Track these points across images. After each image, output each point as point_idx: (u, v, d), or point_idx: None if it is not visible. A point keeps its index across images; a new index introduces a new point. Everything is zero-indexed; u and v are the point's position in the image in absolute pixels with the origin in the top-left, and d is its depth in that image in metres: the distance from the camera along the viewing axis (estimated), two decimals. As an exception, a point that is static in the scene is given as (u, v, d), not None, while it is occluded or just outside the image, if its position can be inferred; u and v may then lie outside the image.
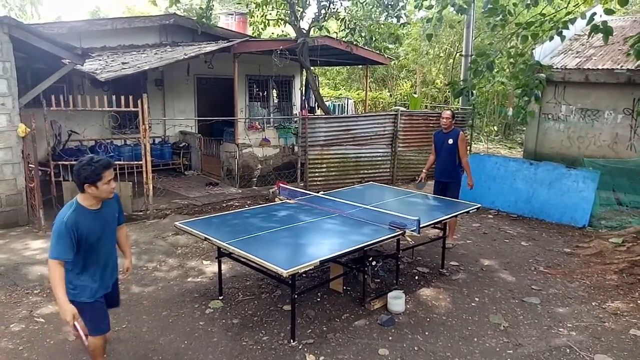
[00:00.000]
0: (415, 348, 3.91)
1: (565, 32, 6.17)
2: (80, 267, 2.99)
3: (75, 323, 2.91)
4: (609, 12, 6.52)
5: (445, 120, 6.25)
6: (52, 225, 2.92)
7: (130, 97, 6.92)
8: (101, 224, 3.02)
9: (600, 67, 9.66)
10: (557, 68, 9.99)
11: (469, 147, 11.03)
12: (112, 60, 9.31)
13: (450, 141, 6.21)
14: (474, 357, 3.79)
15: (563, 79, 10.05)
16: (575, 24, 6.43)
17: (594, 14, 6.35)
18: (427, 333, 4.15)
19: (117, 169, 7.19)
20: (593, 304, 4.76)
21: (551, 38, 6.35)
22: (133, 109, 6.94)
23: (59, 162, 7.18)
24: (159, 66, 8.48)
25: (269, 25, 11.80)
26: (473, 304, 4.73)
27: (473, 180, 6.35)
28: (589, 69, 9.75)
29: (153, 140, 10.19)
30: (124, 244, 3.48)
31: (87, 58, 7.42)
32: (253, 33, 12.27)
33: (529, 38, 6.26)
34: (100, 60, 9.37)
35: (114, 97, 6.93)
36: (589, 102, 9.93)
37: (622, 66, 9.34)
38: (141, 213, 7.37)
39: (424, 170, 6.66)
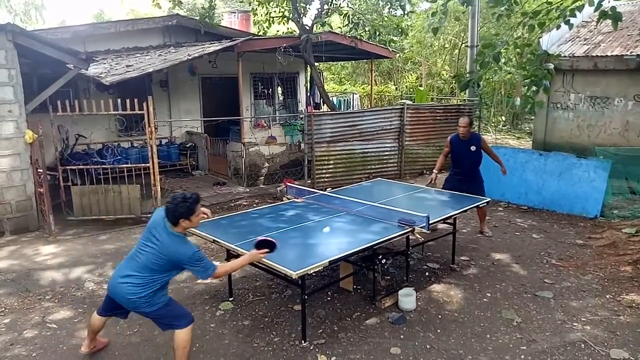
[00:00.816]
0: (427, 346, 3.88)
1: (572, 19, 6.05)
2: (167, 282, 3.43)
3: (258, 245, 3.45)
4: (617, -3, 6.38)
5: (462, 130, 6.09)
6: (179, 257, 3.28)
7: (136, 100, 6.93)
8: None
9: (609, 53, 9.49)
10: (564, 56, 9.83)
11: None
12: (117, 64, 9.32)
13: (473, 148, 6.12)
14: (487, 354, 3.75)
15: (571, 67, 9.90)
16: (583, 11, 6.31)
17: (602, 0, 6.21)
18: (439, 330, 4.11)
19: (125, 172, 7.29)
20: (607, 296, 4.69)
21: (558, 27, 6.24)
22: (139, 112, 6.94)
23: (67, 167, 7.22)
24: (163, 68, 8.48)
25: (273, 23, 11.74)
26: (485, 300, 4.68)
27: (504, 167, 6.40)
28: (597, 56, 9.59)
29: (160, 142, 10.21)
30: None
31: (91, 62, 7.43)
32: (258, 32, 12.22)
33: (536, 27, 6.14)
34: (104, 63, 9.39)
35: (119, 100, 6.94)
36: (598, 89, 9.77)
37: (631, 52, 9.17)
38: (150, 215, 7.37)
39: (435, 172, 6.32)
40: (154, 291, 3.29)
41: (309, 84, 13.48)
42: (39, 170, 6.69)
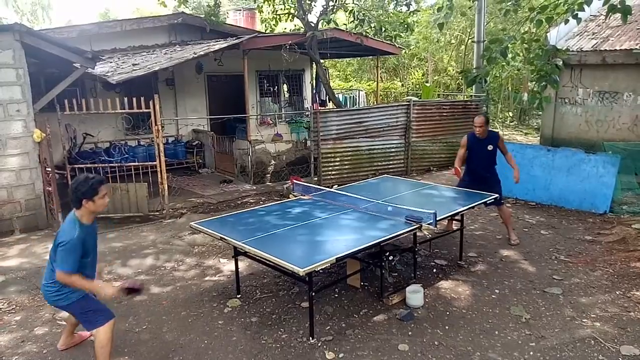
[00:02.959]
0: (436, 343, 3.87)
1: (580, 13, 5.99)
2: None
3: (123, 285, 3.26)
4: (626, -9, 6.30)
5: (479, 129, 5.87)
6: (57, 239, 3.14)
7: (143, 99, 6.96)
8: (94, 238, 3.38)
9: (618, 47, 9.40)
10: (572, 51, 9.75)
11: None
12: (123, 62, 9.36)
13: (490, 147, 5.90)
14: (496, 351, 3.74)
15: (579, 62, 9.82)
16: (591, 5, 6.24)
17: (611, -7, 6.14)
18: (447, 327, 4.10)
19: (132, 170, 7.33)
20: (617, 293, 4.65)
21: (566, 21, 6.18)
22: (145, 110, 6.97)
23: (75, 165, 7.27)
24: (169, 66, 8.50)
25: (280, 21, 11.74)
26: (493, 296, 4.66)
27: (518, 174, 5.97)
28: (606, 50, 9.50)
29: (166, 140, 10.25)
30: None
31: (97, 61, 7.48)
32: (266, 30, 12.22)
33: (543, 22, 6.09)
34: (111, 62, 9.43)
35: (126, 99, 6.98)
36: (606, 84, 9.68)
37: (640, 46, 9.07)
38: (157, 213, 7.44)
39: (457, 167, 6.09)
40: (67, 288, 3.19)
41: (314, 81, 13.47)
42: (47, 169, 6.75)
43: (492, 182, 5.92)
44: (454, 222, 5.94)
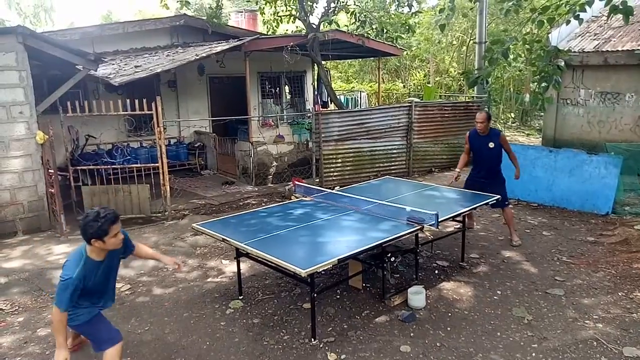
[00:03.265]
0: (438, 344, 3.87)
1: (582, 14, 5.98)
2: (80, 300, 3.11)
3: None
4: (628, -9, 6.29)
5: (480, 125, 5.87)
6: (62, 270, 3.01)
7: (145, 100, 6.98)
8: (105, 274, 3.18)
9: (620, 48, 9.39)
10: (574, 52, 9.74)
11: None
12: (125, 64, 9.39)
13: (492, 145, 5.88)
14: (498, 352, 3.74)
15: (581, 63, 9.81)
16: (593, 6, 6.23)
17: (613, -6, 6.14)
18: (449, 328, 4.10)
19: (135, 172, 7.35)
20: (620, 294, 4.64)
21: (568, 22, 6.16)
22: (148, 112, 6.99)
23: (78, 167, 7.29)
24: (171, 68, 8.53)
25: (282, 22, 11.76)
26: (495, 297, 4.66)
27: (519, 171, 6.09)
28: (608, 51, 9.49)
29: (168, 142, 10.28)
30: (151, 256, 3.75)
31: (100, 63, 7.50)
32: (267, 31, 12.25)
33: (545, 23, 6.09)
34: (113, 64, 9.46)
35: (128, 100, 7.00)
36: (608, 85, 9.67)
37: (643, 47, 9.06)
38: (159, 214, 7.45)
39: (457, 170, 6.13)
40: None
41: (316, 82, 13.48)
42: (50, 170, 6.77)
43: (495, 184, 5.90)
44: (473, 220, 5.97)
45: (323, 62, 11.23)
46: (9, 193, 6.73)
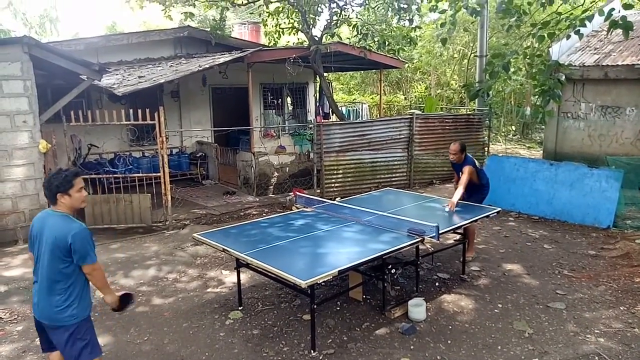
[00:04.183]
0: (438, 357, 3.84)
1: (582, 29, 6.04)
2: (84, 280, 3.00)
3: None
4: (627, 6, 6.35)
5: (452, 157, 5.83)
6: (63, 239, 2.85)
7: (148, 110, 7.03)
8: None
9: (620, 63, 9.45)
10: (575, 66, 9.81)
11: (486, 150, 10.88)
12: (129, 75, 9.47)
13: (462, 174, 5.76)
14: (499, 366, 3.71)
15: (581, 77, 9.87)
16: (593, 21, 6.30)
17: (613, 9, 6.20)
18: (449, 341, 4.08)
19: (136, 181, 7.37)
20: (621, 308, 4.62)
21: (568, 36, 6.23)
22: (150, 122, 7.04)
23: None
24: (174, 79, 8.59)
25: (283, 34, 11.87)
26: (496, 311, 4.63)
27: (455, 205, 5.42)
28: (608, 65, 9.55)
29: (170, 151, 10.32)
30: (98, 288, 3.33)
31: (104, 73, 7.57)
32: (269, 43, 12.37)
33: (545, 37, 6.15)
34: (117, 74, 9.54)
35: (131, 110, 7.05)
36: (609, 99, 9.72)
37: (643, 61, 9.12)
38: (160, 224, 7.46)
39: (453, 201, 5.61)
40: (74, 298, 2.93)
41: (318, 94, 13.57)
42: (52, 179, 6.78)
43: (474, 196, 5.87)
44: (472, 248, 5.97)
45: (325, 74, 11.31)
46: (11, 201, 6.75)
